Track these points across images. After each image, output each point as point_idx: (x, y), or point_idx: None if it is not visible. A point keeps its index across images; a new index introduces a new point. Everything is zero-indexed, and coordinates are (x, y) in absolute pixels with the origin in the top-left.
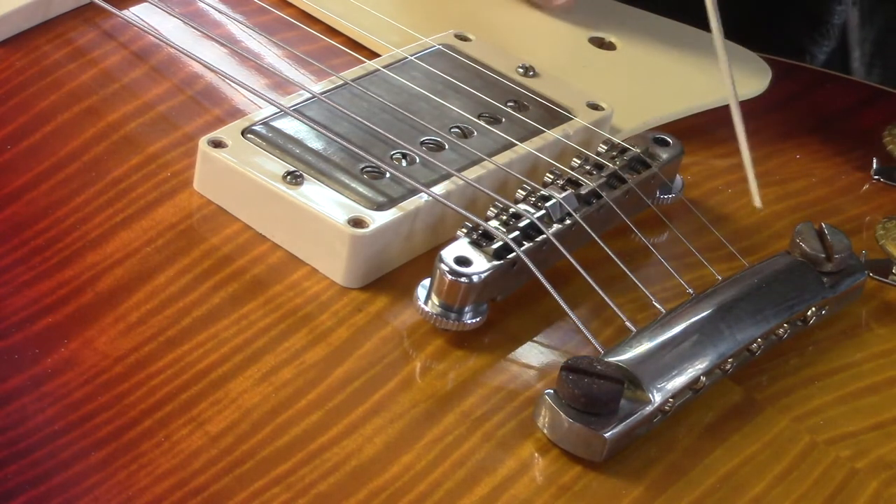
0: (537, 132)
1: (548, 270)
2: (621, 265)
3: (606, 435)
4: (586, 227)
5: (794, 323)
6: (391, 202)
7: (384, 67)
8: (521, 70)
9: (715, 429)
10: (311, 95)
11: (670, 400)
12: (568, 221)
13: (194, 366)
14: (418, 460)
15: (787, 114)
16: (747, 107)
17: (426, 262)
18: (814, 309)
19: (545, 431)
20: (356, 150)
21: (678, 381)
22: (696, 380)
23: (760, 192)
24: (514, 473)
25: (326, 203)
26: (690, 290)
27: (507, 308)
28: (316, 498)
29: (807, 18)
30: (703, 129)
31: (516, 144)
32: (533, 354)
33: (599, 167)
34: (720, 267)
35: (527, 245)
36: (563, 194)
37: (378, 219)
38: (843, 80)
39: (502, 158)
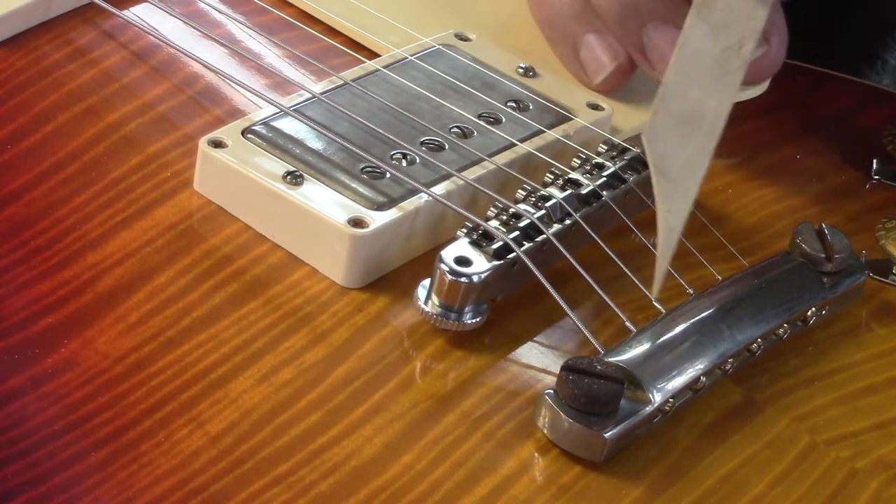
0: (537, 132)
1: (548, 270)
2: (621, 265)
3: (606, 435)
4: (586, 227)
5: (794, 323)
6: (391, 202)
7: (384, 67)
8: (521, 70)
9: (715, 429)
10: (311, 95)
11: (670, 400)
12: (568, 221)
13: (194, 366)
14: (418, 460)
15: (787, 114)
16: (749, 107)
17: (426, 262)
18: (814, 309)
19: (545, 431)
20: (356, 150)
21: (678, 382)
22: (696, 380)
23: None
24: (514, 473)
25: (326, 203)
26: (690, 290)
27: (507, 308)
28: (316, 498)
29: (878, 24)
30: None
31: (516, 144)
32: (533, 354)
33: (600, 167)
34: (720, 267)
35: (527, 245)
36: (564, 194)
37: (378, 219)
38: (843, 80)
39: (502, 158)
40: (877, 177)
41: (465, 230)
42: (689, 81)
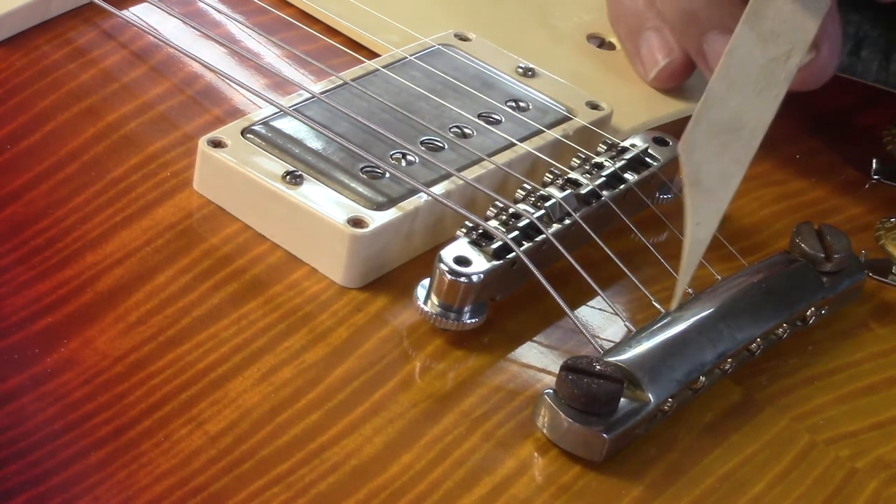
0: (537, 132)
1: (547, 270)
2: (621, 265)
3: (606, 435)
4: (586, 227)
5: (793, 323)
6: (391, 202)
7: (384, 67)
8: (520, 70)
9: (714, 428)
10: (310, 95)
11: (669, 400)
12: (567, 221)
13: (194, 365)
14: (418, 460)
15: (786, 113)
16: None
17: (426, 262)
18: (813, 309)
19: (545, 431)
20: (356, 149)
21: (677, 381)
22: (695, 380)
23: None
24: (513, 473)
25: (326, 203)
26: (690, 290)
27: (506, 308)
28: (315, 497)
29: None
30: None
31: (516, 144)
32: (533, 354)
33: (599, 167)
34: (720, 267)
35: (526, 245)
36: (563, 194)
37: (378, 219)
38: (843, 80)
39: (502, 158)
40: (877, 177)
41: (464, 230)
42: (731, 90)
